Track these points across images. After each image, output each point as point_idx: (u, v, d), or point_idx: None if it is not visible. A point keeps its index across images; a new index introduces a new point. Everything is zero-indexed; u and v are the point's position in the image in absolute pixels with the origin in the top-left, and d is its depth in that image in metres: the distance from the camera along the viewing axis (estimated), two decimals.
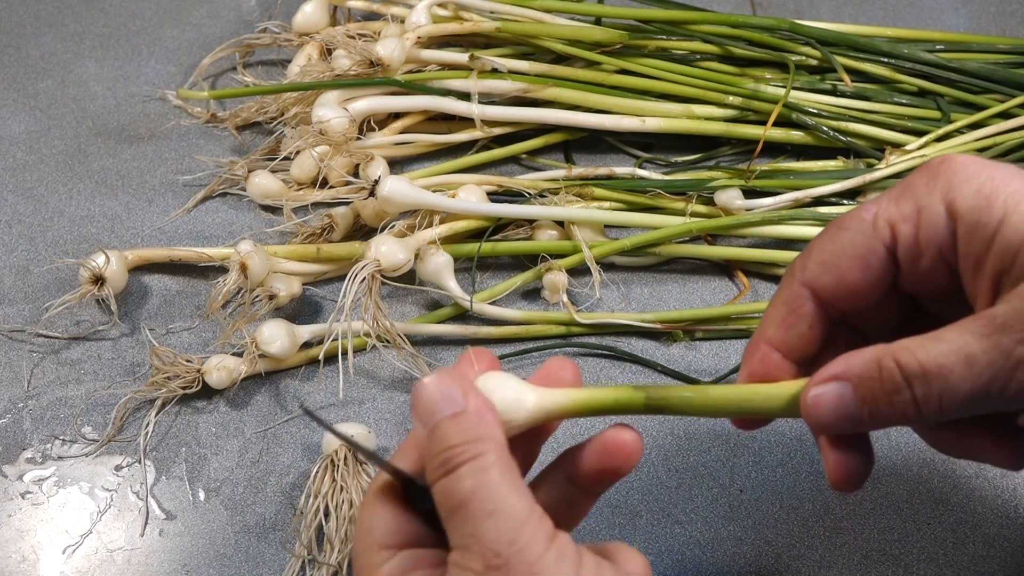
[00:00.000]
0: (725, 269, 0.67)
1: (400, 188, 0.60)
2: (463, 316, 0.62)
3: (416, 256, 0.60)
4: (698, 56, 0.73)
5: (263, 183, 0.66)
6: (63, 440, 0.57)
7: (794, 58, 0.73)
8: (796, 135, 0.71)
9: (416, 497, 0.37)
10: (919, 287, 0.38)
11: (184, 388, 0.57)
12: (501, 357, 0.61)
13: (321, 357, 0.58)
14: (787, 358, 0.39)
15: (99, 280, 0.59)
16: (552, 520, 0.35)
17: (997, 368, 0.33)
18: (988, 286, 0.35)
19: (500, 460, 0.34)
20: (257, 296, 0.59)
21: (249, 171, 0.67)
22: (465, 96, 0.68)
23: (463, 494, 0.33)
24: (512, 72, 0.68)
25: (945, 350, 0.34)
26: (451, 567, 0.34)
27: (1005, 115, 0.72)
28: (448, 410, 0.34)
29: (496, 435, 0.35)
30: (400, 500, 0.37)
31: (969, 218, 0.35)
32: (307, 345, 0.60)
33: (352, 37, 0.69)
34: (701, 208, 0.67)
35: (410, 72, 0.69)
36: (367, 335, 0.56)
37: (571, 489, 0.40)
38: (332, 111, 0.63)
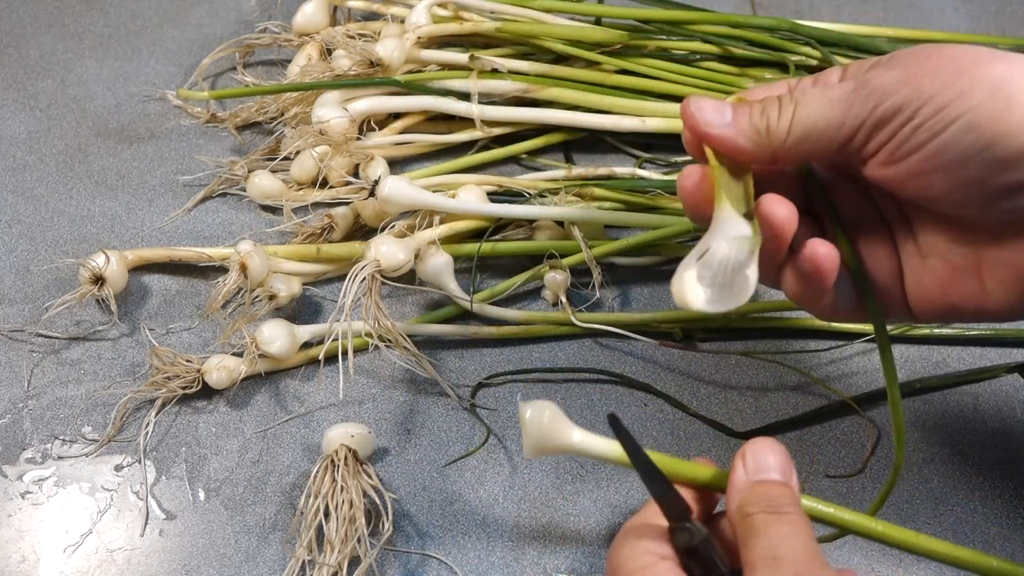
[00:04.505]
0: None
1: (400, 188, 0.60)
2: (463, 316, 0.62)
3: (416, 256, 0.60)
4: (698, 56, 0.73)
5: (263, 183, 0.66)
6: (63, 440, 0.57)
7: (794, 58, 0.73)
8: None
9: (679, 534, 0.40)
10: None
11: (184, 388, 0.57)
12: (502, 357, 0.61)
13: (321, 357, 0.58)
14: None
15: (99, 280, 0.59)
16: None
17: (847, 92, 0.41)
18: None
19: (807, 523, 0.39)
20: (257, 296, 0.59)
21: (249, 171, 0.67)
22: (465, 96, 0.68)
23: (781, 524, 0.38)
24: (512, 72, 0.68)
25: (812, 86, 0.43)
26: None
27: None
28: (776, 476, 0.41)
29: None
30: (657, 537, 0.41)
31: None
32: (307, 345, 0.60)
33: (352, 37, 0.69)
34: None
35: (410, 72, 0.69)
36: (368, 335, 0.56)
37: None
38: (332, 111, 0.63)
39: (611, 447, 0.46)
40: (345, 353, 0.56)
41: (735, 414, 0.60)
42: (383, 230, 0.60)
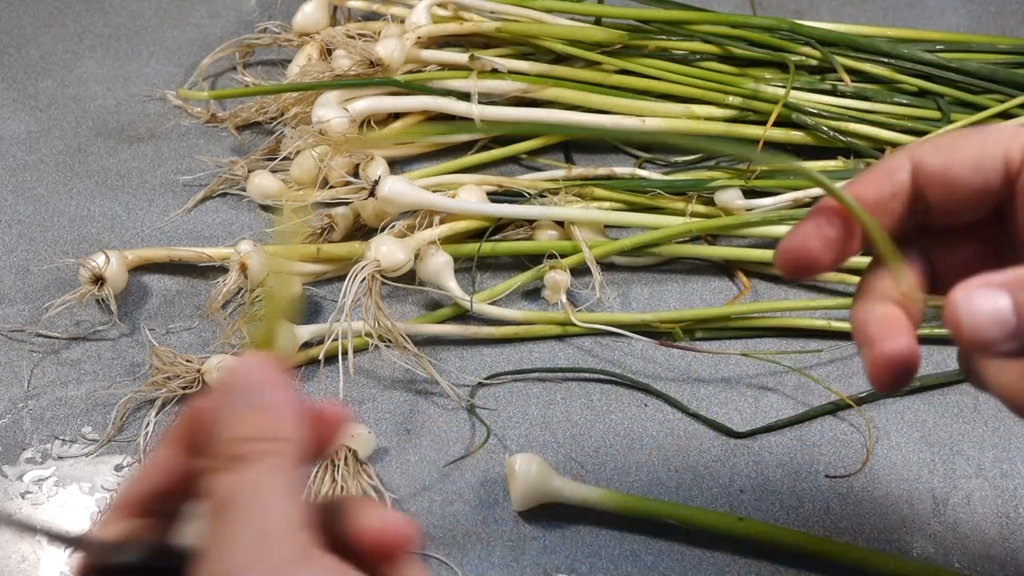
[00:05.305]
0: (725, 269, 0.67)
1: (400, 188, 0.60)
2: (463, 316, 0.62)
3: (416, 256, 0.60)
4: (698, 56, 0.73)
5: (263, 183, 0.66)
6: (63, 440, 0.57)
7: (794, 58, 0.73)
8: (796, 135, 0.71)
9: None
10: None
11: (184, 388, 0.57)
12: (501, 357, 0.61)
13: (321, 357, 0.58)
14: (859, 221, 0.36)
15: (99, 280, 0.59)
16: None
17: None
18: None
19: (287, 466, 0.29)
20: (257, 296, 0.59)
21: (249, 171, 0.67)
22: (465, 96, 0.68)
23: (235, 493, 0.29)
24: (512, 72, 0.68)
25: None
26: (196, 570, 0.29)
27: (1005, 115, 0.72)
28: (245, 402, 0.30)
29: (293, 435, 0.30)
30: None
31: None
32: (307, 345, 0.60)
33: (352, 37, 0.69)
34: (701, 208, 0.67)
35: (410, 72, 0.69)
36: (368, 335, 0.56)
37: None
38: (332, 111, 0.63)
39: (590, 492, 0.51)
40: (345, 353, 0.56)
41: (735, 414, 0.60)
42: (383, 230, 0.60)
